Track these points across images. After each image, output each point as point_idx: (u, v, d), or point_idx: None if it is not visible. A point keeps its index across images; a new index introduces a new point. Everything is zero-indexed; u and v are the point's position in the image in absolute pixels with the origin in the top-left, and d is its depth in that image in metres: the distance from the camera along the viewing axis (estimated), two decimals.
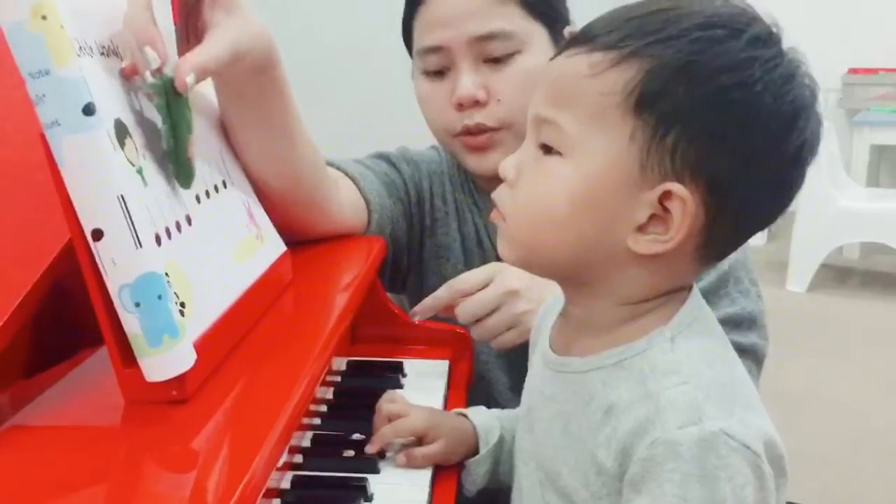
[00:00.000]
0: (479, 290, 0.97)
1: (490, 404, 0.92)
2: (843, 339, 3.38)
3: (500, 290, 0.96)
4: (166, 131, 0.73)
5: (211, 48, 0.78)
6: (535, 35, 1.08)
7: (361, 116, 3.11)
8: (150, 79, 0.71)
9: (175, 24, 0.75)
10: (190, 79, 0.72)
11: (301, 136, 0.98)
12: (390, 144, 1.26)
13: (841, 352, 3.24)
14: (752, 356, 1.02)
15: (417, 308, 1.02)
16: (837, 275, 4.18)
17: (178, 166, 0.74)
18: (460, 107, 1.08)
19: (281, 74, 0.91)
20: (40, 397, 0.68)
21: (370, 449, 0.82)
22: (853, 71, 4.83)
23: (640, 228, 0.63)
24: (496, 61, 1.07)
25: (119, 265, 0.62)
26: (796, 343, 3.28)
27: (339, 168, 1.13)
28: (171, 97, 0.72)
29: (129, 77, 0.72)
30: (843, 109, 4.83)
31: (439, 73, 1.10)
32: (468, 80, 1.07)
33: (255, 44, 0.84)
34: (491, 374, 1.17)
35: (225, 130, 0.95)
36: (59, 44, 0.60)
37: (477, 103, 1.07)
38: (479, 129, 1.08)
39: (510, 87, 1.07)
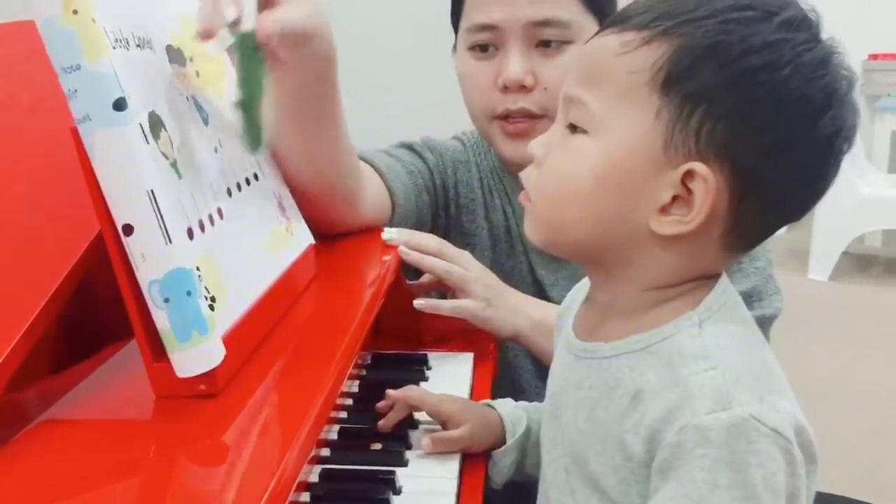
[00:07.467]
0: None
1: (516, 393, 0.91)
2: (867, 327, 3.34)
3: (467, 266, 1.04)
4: (237, 84, 0.74)
5: (291, 10, 0.80)
6: (588, 28, 1.06)
7: (374, 112, 3.10)
8: (227, 34, 0.72)
9: None
10: (274, 28, 0.74)
11: (345, 140, 1.00)
12: (406, 138, 1.25)
13: (864, 340, 3.21)
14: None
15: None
16: (860, 263, 4.14)
17: (246, 124, 0.75)
18: (505, 89, 1.07)
19: (336, 75, 0.93)
20: (70, 392, 0.69)
21: (384, 414, 0.85)
22: (873, 56, 4.77)
23: (663, 209, 0.63)
24: (547, 48, 1.06)
25: (149, 261, 0.62)
26: (819, 332, 3.26)
27: (367, 161, 1.12)
28: (248, 53, 0.73)
29: (205, 39, 0.73)
30: (863, 96, 4.76)
31: (485, 52, 1.09)
32: (517, 64, 1.06)
33: (321, 31, 0.87)
34: (517, 362, 1.16)
35: None
36: (91, 38, 0.60)
37: (523, 88, 1.06)
38: (522, 115, 1.07)
39: (558, 75, 1.04)
